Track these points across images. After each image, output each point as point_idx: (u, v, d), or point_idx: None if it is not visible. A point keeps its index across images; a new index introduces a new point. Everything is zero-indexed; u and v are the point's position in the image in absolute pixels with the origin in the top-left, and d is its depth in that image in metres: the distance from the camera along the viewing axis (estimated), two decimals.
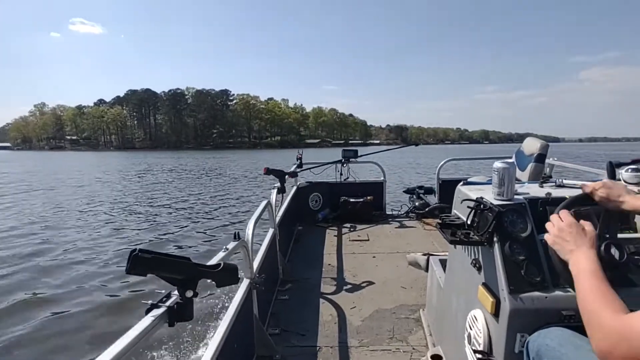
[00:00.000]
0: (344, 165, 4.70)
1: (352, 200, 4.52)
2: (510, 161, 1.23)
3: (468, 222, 1.25)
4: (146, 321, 0.87)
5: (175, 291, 0.96)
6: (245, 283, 1.75)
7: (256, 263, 1.96)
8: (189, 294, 0.94)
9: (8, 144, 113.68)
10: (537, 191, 1.32)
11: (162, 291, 0.99)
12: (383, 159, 5.52)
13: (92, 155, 63.59)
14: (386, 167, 5.04)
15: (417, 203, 4.72)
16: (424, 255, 2.85)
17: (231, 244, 1.50)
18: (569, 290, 1.01)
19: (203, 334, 2.95)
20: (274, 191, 3.09)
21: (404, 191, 5.32)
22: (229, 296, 2.83)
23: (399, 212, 4.80)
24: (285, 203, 3.51)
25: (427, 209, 4.46)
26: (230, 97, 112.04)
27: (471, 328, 1.24)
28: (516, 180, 1.28)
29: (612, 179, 1.40)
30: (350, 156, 4.69)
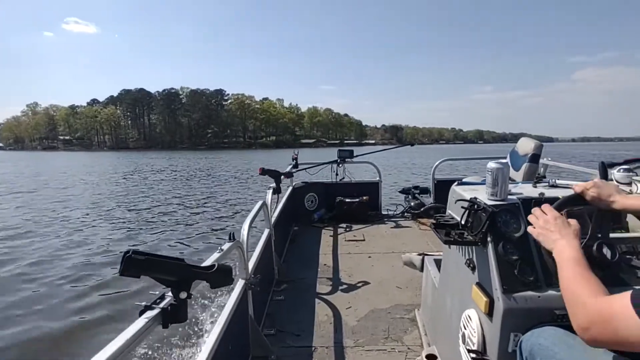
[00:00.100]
0: (340, 165, 4.71)
1: (348, 200, 4.53)
2: (503, 161, 1.24)
3: (462, 222, 1.25)
4: (140, 323, 0.86)
5: (169, 292, 0.95)
6: (240, 284, 1.75)
7: (251, 264, 1.96)
8: (183, 296, 0.93)
9: (0, 144, 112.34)
10: (531, 191, 1.32)
11: (156, 293, 0.98)
12: (378, 159, 5.53)
13: (85, 155, 63.01)
14: (382, 167, 5.05)
15: (413, 203, 4.73)
16: (419, 255, 2.85)
17: (226, 245, 1.49)
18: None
19: (198, 335, 2.94)
20: (269, 191, 3.09)
21: (400, 191, 5.32)
22: (225, 297, 2.82)
23: (395, 212, 4.81)
24: (280, 203, 3.51)
25: (423, 209, 4.48)
26: (225, 97, 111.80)
27: (465, 328, 1.25)
28: (510, 180, 1.29)
29: (605, 179, 1.41)
30: (345, 156, 4.70)
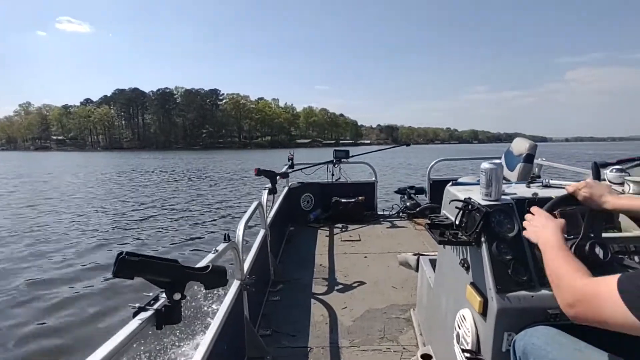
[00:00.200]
0: (336, 165, 4.71)
1: (344, 200, 4.53)
2: (497, 162, 1.24)
3: (456, 223, 1.26)
4: (133, 324, 0.86)
5: (163, 294, 0.95)
6: (235, 284, 1.74)
7: (247, 264, 1.95)
8: (177, 297, 0.93)
9: None
10: (524, 191, 1.33)
11: (150, 294, 0.98)
12: (374, 159, 5.55)
13: (78, 155, 62.40)
14: (377, 168, 5.06)
15: (408, 203, 4.74)
16: (415, 255, 2.86)
17: (221, 246, 1.49)
18: None
19: (193, 337, 2.92)
20: (265, 192, 3.08)
21: (395, 191, 5.33)
22: (220, 298, 2.81)
23: (390, 212, 4.83)
24: (276, 204, 3.50)
25: (418, 209, 4.50)
26: (219, 97, 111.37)
27: (460, 327, 1.26)
28: (505, 180, 1.30)
29: (597, 179, 1.42)
30: (341, 157, 4.70)
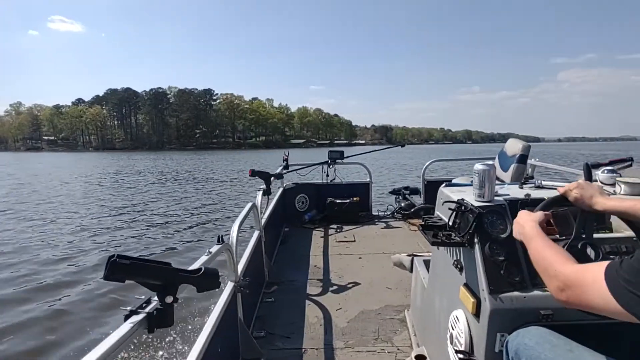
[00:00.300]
0: (330, 166, 4.70)
1: (339, 201, 4.53)
2: (490, 163, 1.25)
3: (450, 224, 1.26)
4: (125, 328, 0.85)
5: (155, 297, 0.94)
6: (229, 286, 1.73)
7: (241, 266, 1.95)
8: (169, 300, 0.92)
9: None
10: (517, 192, 1.34)
11: (142, 297, 0.97)
12: (369, 160, 5.55)
13: (69, 156, 61.68)
14: (372, 168, 5.07)
15: (403, 204, 4.76)
16: (409, 256, 2.87)
17: (214, 248, 1.48)
18: (547, 290, 1.04)
19: (186, 339, 2.90)
20: (260, 193, 3.07)
21: (390, 192, 5.35)
22: (214, 300, 2.79)
23: (385, 213, 4.84)
24: (271, 205, 3.49)
25: (413, 210, 4.51)
26: (213, 97, 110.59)
27: (453, 328, 1.26)
28: (499, 181, 1.30)
29: (589, 180, 1.44)
30: (336, 157, 4.70)
